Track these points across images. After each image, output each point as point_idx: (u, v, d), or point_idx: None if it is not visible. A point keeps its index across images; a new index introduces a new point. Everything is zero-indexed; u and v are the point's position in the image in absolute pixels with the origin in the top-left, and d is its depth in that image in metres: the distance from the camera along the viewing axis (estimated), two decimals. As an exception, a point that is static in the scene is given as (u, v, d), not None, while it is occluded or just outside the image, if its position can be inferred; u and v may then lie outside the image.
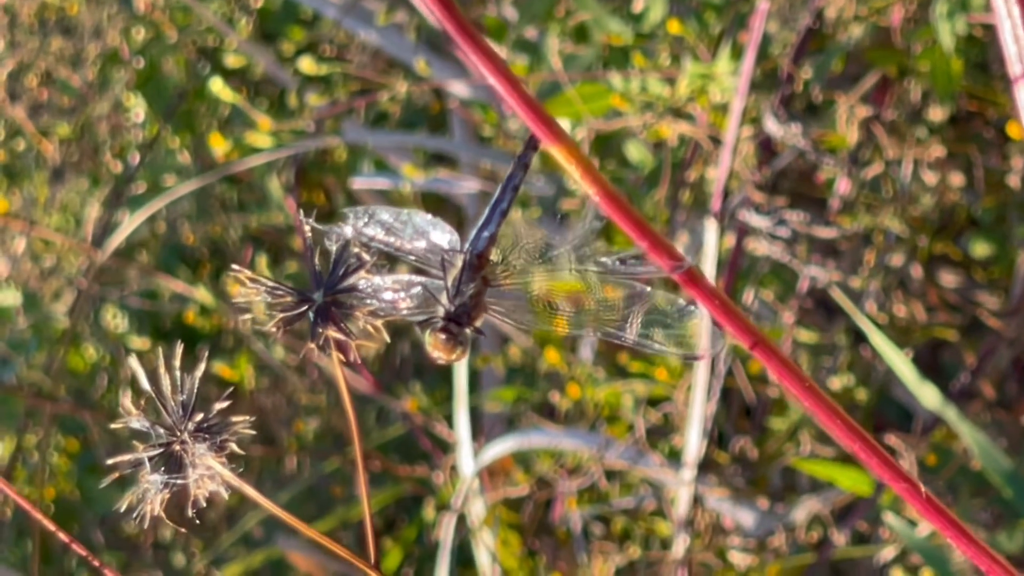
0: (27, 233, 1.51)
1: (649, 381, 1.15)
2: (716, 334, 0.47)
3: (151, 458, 0.42)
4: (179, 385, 0.43)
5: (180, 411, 0.42)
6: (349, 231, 0.48)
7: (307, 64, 1.22)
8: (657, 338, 0.47)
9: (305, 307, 0.43)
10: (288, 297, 0.43)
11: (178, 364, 0.43)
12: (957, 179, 1.15)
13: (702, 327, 0.47)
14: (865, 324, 0.98)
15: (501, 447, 1.15)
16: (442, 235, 0.49)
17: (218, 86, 1.27)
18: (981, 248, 1.22)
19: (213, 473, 0.42)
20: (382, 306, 0.45)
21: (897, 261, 1.17)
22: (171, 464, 0.42)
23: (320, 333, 0.43)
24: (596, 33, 1.14)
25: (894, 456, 0.45)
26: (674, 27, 1.08)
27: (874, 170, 1.11)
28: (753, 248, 1.13)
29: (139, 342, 1.51)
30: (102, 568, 0.43)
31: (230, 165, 1.32)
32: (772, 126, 1.06)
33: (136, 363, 0.42)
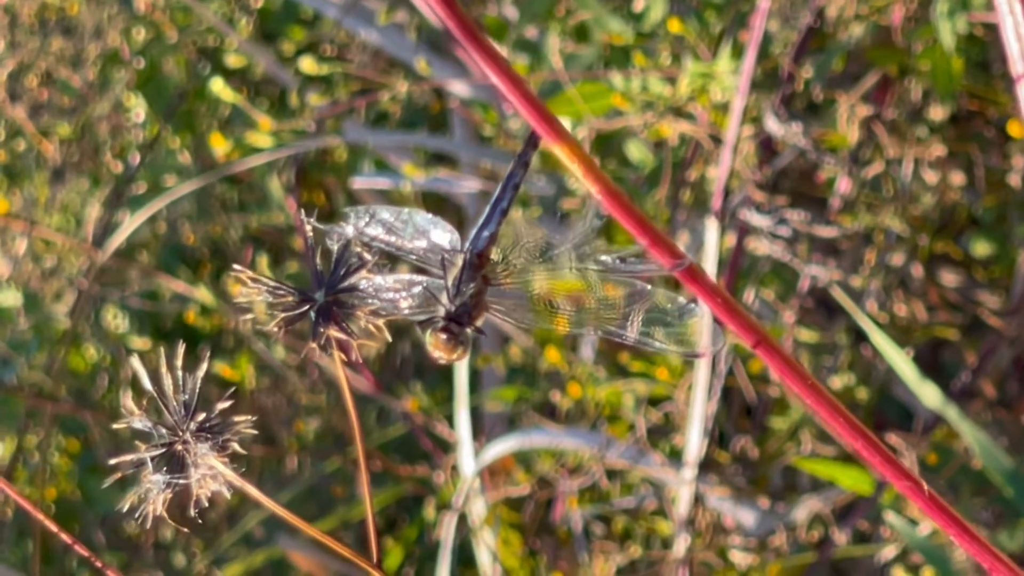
0: (28, 233, 1.51)
1: (650, 380, 1.15)
2: (717, 332, 0.47)
3: (153, 458, 0.42)
4: (181, 385, 0.43)
5: (182, 411, 0.42)
6: (350, 230, 0.48)
7: (308, 64, 1.22)
8: (658, 336, 0.47)
9: (306, 307, 0.43)
10: (289, 297, 0.43)
11: (179, 364, 0.43)
12: (958, 178, 1.15)
13: (703, 325, 0.47)
14: (866, 323, 0.98)
15: (502, 447, 1.15)
16: (443, 234, 0.49)
17: (219, 86, 1.27)
18: (982, 247, 1.22)
19: (215, 473, 0.42)
20: (383, 306, 0.45)
21: (898, 260, 1.17)
22: (173, 464, 0.42)
23: (321, 333, 0.43)
24: (597, 32, 1.14)
25: (895, 455, 0.45)
26: (675, 26, 1.08)
27: (875, 169, 1.11)
28: (754, 247, 1.13)
29: (140, 342, 1.51)
30: (103, 568, 0.43)
31: (231, 165, 1.32)
32: (773, 125, 1.06)
33: (137, 363, 0.42)
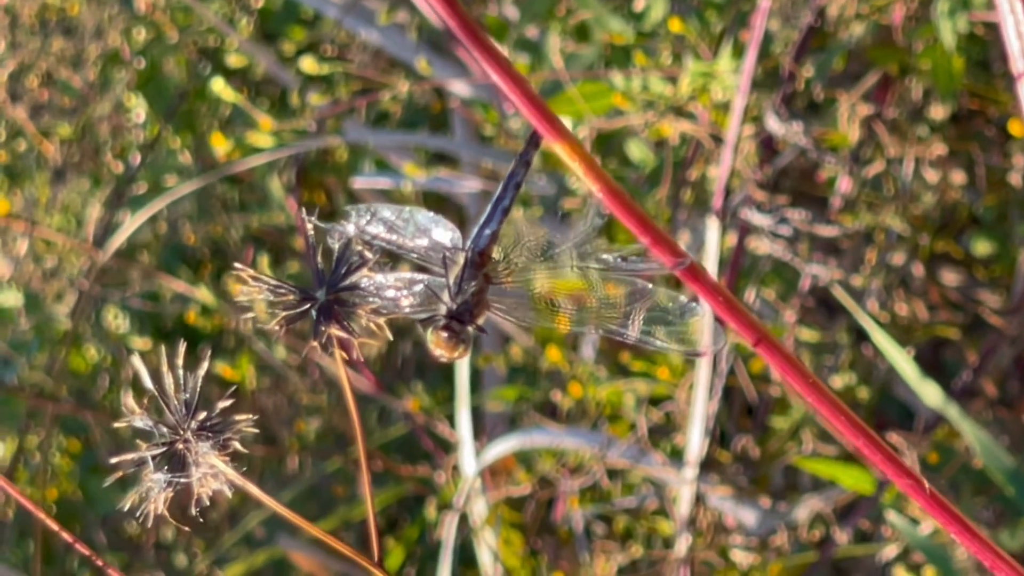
0: (29, 234, 1.51)
1: (651, 380, 1.15)
2: (718, 331, 0.47)
3: (154, 457, 0.42)
4: (181, 384, 0.42)
5: (183, 410, 0.42)
6: (351, 229, 0.48)
7: (308, 64, 1.22)
8: (659, 335, 0.47)
9: (307, 305, 0.43)
10: (290, 295, 0.43)
11: (180, 363, 0.43)
12: (958, 177, 1.15)
13: (704, 324, 0.47)
14: (867, 322, 0.98)
15: (503, 446, 1.15)
16: (444, 233, 0.49)
17: (219, 86, 1.27)
18: (983, 246, 1.22)
19: (216, 472, 0.42)
20: (384, 304, 0.45)
21: (899, 259, 1.17)
22: (174, 463, 0.42)
23: (322, 331, 0.43)
24: (597, 32, 1.14)
25: (896, 454, 0.45)
26: (675, 26, 1.08)
27: (875, 168, 1.11)
28: (755, 247, 1.13)
29: (140, 343, 1.51)
30: (104, 567, 0.43)
31: (231, 165, 1.32)
32: (774, 124, 1.05)
33: (138, 362, 0.42)
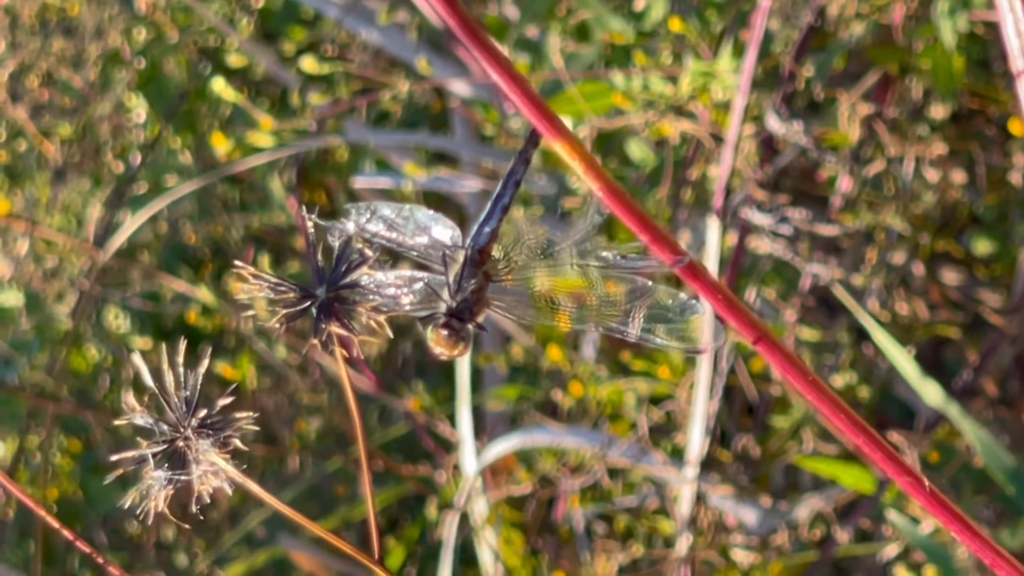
0: (29, 234, 1.51)
1: (652, 379, 1.15)
2: (718, 328, 0.47)
3: (154, 454, 0.42)
4: (182, 381, 0.42)
5: (183, 407, 0.42)
6: (351, 227, 0.48)
7: (309, 63, 1.22)
8: (659, 333, 0.47)
9: (308, 303, 0.43)
10: (290, 293, 0.43)
11: (181, 361, 0.43)
12: (959, 176, 1.15)
13: (704, 321, 0.47)
14: (867, 322, 0.98)
15: (504, 446, 1.15)
16: (444, 231, 0.49)
17: (220, 85, 1.27)
18: (983, 245, 1.22)
19: (217, 469, 0.42)
20: (384, 302, 0.45)
21: (899, 259, 1.17)
22: (174, 460, 0.42)
23: (323, 329, 0.43)
24: (597, 32, 1.14)
25: (897, 452, 0.45)
26: (675, 25, 1.08)
27: (876, 168, 1.11)
28: (755, 246, 1.13)
29: (141, 342, 1.51)
30: (105, 564, 0.43)
31: (232, 165, 1.32)
32: (774, 124, 1.06)
33: (139, 359, 0.42)
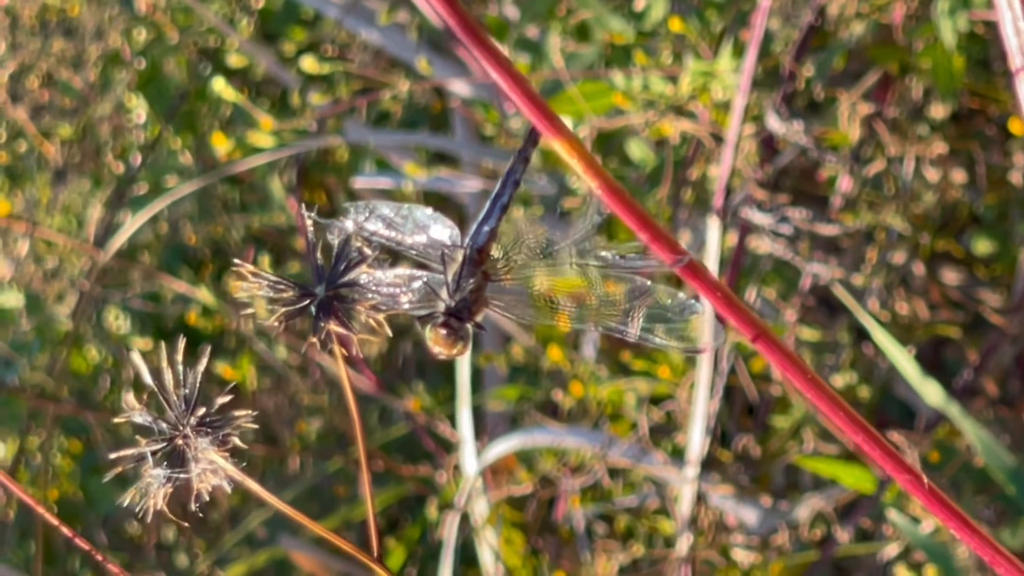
0: (30, 235, 1.51)
1: (652, 379, 1.15)
2: (718, 327, 0.47)
3: (154, 452, 0.42)
4: (181, 380, 0.42)
5: (182, 405, 0.42)
6: (350, 225, 0.48)
7: (309, 63, 1.22)
8: (659, 333, 0.47)
9: (307, 301, 0.43)
10: (290, 291, 0.43)
11: (180, 360, 0.43)
12: (959, 176, 1.15)
13: (704, 320, 0.47)
14: (868, 321, 0.98)
15: (504, 446, 1.15)
16: (443, 230, 0.49)
17: (220, 86, 1.27)
18: (983, 245, 1.22)
19: (216, 467, 0.42)
20: (383, 300, 0.45)
21: (899, 258, 1.17)
22: (174, 458, 0.42)
23: (322, 327, 0.43)
24: (598, 32, 1.14)
25: (896, 450, 0.45)
26: (676, 25, 1.08)
27: (876, 167, 1.11)
28: (755, 246, 1.13)
29: (141, 343, 1.51)
30: (105, 562, 0.43)
31: (232, 165, 1.32)
32: (774, 123, 1.06)
33: (139, 358, 0.42)
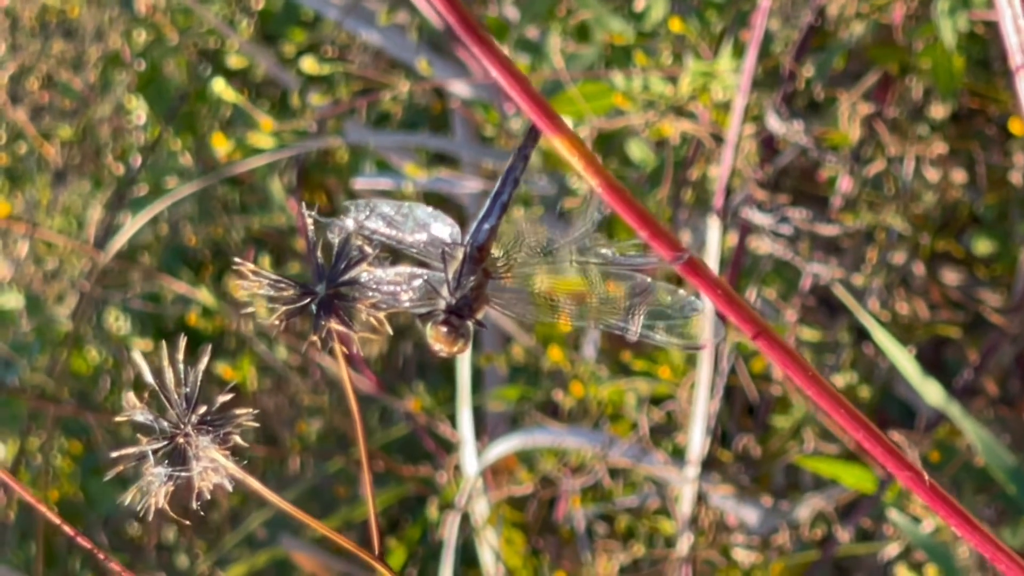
0: (30, 236, 1.51)
1: (652, 379, 1.15)
2: (718, 324, 0.47)
3: (155, 451, 0.42)
4: (182, 379, 0.42)
5: (183, 404, 0.42)
6: (350, 224, 0.48)
7: (309, 64, 1.22)
8: (659, 330, 0.47)
9: (307, 300, 0.43)
10: (290, 290, 0.43)
11: (181, 359, 0.43)
12: (959, 176, 1.15)
13: (704, 317, 0.47)
14: (868, 321, 0.98)
15: (505, 446, 1.15)
16: (443, 228, 0.49)
17: (220, 87, 1.27)
18: (983, 245, 1.22)
19: (217, 466, 0.42)
20: (384, 299, 0.45)
21: (899, 258, 1.17)
22: (175, 457, 0.42)
23: (323, 326, 0.43)
24: (598, 32, 1.14)
25: (897, 448, 0.45)
26: (676, 25, 1.08)
27: (876, 167, 1.11)
28: (756, 246, 1.13)
29: (142, 344, 1.51)
30: (106, 560, 0.43)
31: (232, 166, 1.32)
32: (774, 124, 1.06)
33: (140, 357, 0.42)
